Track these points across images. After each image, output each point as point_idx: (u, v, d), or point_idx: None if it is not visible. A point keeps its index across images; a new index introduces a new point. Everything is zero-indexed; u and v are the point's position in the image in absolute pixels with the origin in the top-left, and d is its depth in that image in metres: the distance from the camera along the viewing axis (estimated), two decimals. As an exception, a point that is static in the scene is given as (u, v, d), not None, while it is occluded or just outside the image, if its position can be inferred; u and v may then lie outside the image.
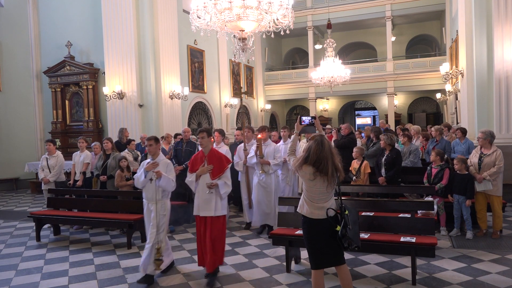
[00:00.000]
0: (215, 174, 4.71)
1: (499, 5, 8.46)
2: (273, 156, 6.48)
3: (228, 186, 4.75)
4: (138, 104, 11.45)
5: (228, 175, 4.79)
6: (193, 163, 4.83)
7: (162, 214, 4.71)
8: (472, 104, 9.41)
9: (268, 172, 6.42)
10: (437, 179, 6.10)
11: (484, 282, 4.30)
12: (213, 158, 4.75)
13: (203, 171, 4.69)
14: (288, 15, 5.50)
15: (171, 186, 4.76)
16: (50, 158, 7.77)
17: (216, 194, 4.67)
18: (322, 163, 3.43)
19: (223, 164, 4.76)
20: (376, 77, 19.16)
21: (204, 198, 4.67)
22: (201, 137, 4.73)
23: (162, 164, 4.76)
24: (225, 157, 4.87)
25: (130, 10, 11.27)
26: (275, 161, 6.45)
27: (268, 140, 6.67)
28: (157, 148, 4.84)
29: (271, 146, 6.59)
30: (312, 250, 3.57)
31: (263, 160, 6.40)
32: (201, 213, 4.68)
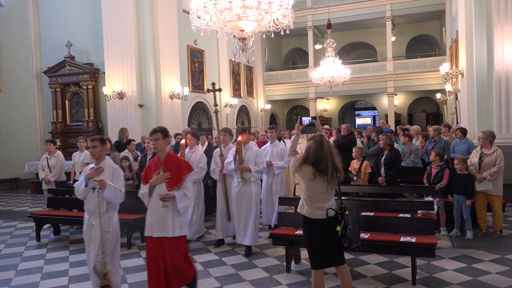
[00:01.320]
0: (172, 184, 3.85)
1: (499, 5, 8.46)
2: (254, 162, 5.62)
3: (188, 199, 3.91)
4: (138, 104, 11.45)
5: (189, 185, 3.97)
6: (147, 172, 3.97)
7: (106, 230, 3.89)
8: (472, 104, 9.41)
9: (249, 180, 5.53)
10: (437, 179, 6.10)
11: (484, 282, 4.29)
12: (170, 164, 3.90)
13: (157, 180, 3.83)
14: (288, 15, 5.50)
15: (118, 198, 3.95)
16: (50, 158, 7.77)
17: (172, 210, 3.82)
18: (322, 163, 3.43)
19: (182, 172, 3.91)
20: (376, 77, 19.17)
21: (158, 215, 3.82)
22: (155, 139, 3.88)
23: (108, 170, 3.97)
24: (185, 163, 4.04)
25: (130, 10, 11.27)
26: (257, 167, 5.58)
27: (249, 143, 5.79)
28: (103, 151, 4.04)
29: (253, 150, 5.72)
30: (312, 250, 3.57)
31: (243, 166, 5.51)
32: (155, 233, 3.82)
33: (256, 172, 5.58)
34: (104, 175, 3.89)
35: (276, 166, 6.67)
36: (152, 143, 3.96)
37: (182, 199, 3.86)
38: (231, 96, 16.94)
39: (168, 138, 3.95)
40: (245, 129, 5.84)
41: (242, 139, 5.59)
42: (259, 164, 5.64)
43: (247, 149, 5.69)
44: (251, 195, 5.54)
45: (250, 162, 5.60)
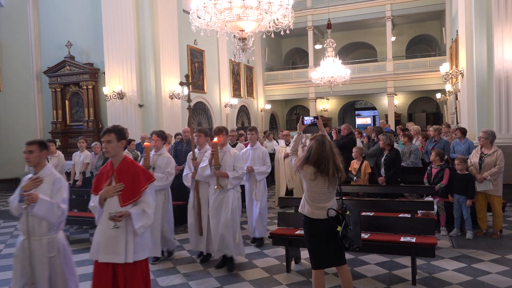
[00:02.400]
0: (126, 198, 3.13)
1: (499, 5, 8.46)
2: (232, 167, 5.01)
3: (148, 217, 3.18)
4: (138, 104, 11.45)
5: (149, 199, 3.24)
6: (98, 181, 3.29)
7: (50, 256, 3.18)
8: (472, 104, 9.41)
9: (226, 187, 4.93)
10: (437, 179, 6.10)
11: (484, 282, 4.30)
12: (125, 173, 3.17)
13: (107, 192, 3.12)
14: (288, 15, 5.50)
15: (55, 215, 3.17)
16: (51, 158, 7.77)
17: (127, 229, 3.10)
18: (323, 163, 3.43)
19: (140, 183, 3.18)
20: (376, 77, 19.17)
21: (107, 235, 3.09)
22: (107, 141, 3.16)
23: (47, 181, 3.24)
24: (144, 172, 3.28)
25: (130, 10, 11.27)
26: (235, 173, 4.96)
27: (226, 145, 5.20)
28: (42, 157, 3.30)
29: (230, 154, 5.09)
30: (313, 250, 3.57)
31: (220, 171, 4.89)
32: (102, 257, 3.07)
33: (234, 179, 4.93)
34: (43, 187, 3.19)
35: (257, 171, 6.01)
36: (103, 146, 3.23)
37: (140, 217, 3.12)
38: (231, 96, 16.95)
39: (124, 141, 3.26)
40: (221, 129, 5.17)
41: (218, 141, 4.99)
42: (237, 169, 5.01)
43: (225, 153, 5.08)
44: (228, 204, 4.92)
45: (228, 167, 4.99)
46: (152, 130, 5.82)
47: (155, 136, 5.46)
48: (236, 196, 5.05)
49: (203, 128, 5.54)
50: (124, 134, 3.29)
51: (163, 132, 5.62)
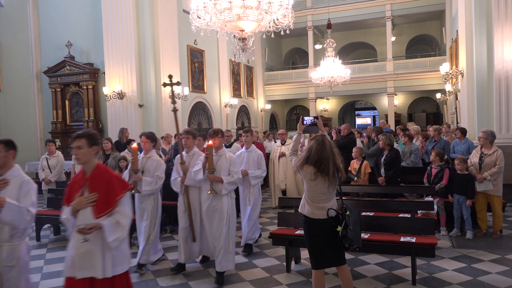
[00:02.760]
0: (100, 210, 2.88)
1: (499, 5, 8.46)
2: (227, 171, 4.75)
3: (122, 229, 2.92)
4: (138, 104, 11.45)
5: (125, 209, 2.98)
6: (70, 190, 3.04)
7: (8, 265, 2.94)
8: (472, 104, 9.41)
9: (220, 192, 4.64)
10: (437, 179, 6.10)
11: (484, 282, 4.30)
12: (99, 182, 2.92)
13: (79, 203, 2.87)
14: (288, 15, 5.50)
15: (24, 220, 2.96)
16: (50, 158, 7.78)
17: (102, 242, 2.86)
18: (323, 163, 3.43)
19: (115, 192, 2.93)
20: (376, 77, 19.16)
21: (82, 250, 2.84)
22: (77, 147, 2.90)
23: (14, 183, 3.02)
24: (119, 180, 3.03)
25: (130, 10, 11.26)
26: (230, 178, 4.68)
27: (222, 148, 4.92)
28: (8, 158, 3.09)
29: (226, 157, 4.81)
30: (313, 250, 3.57)
31: (214, 176, 4.60)
32: (78, 273, 2.82)
33: (228, 184, 4.65)
34: (9, 190, 2.97)
35: (252, 175, 5.73)
36: (73, 152, 2.95)
37: (113, 229, 2.86)
38: (231, 96, 16.95)
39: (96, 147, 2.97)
40: (217, 132, 4.87)
41: (213, 144, 4.71)
42: (233, 174, 4.74)
43: (220, 156, 4.80)
44: (222, 211, 4.64)
45: (223, 171, 4.72)
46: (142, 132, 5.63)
47: (143, 138, 5.22)
48: (230, 203, 4.77)
49: (191, 130, 5.25)
50: (96, 139, 3.00)
51: (152, 134, 5.38)
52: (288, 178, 8.41)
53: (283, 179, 8.34)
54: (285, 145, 8.49)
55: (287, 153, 8.10)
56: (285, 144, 8.53)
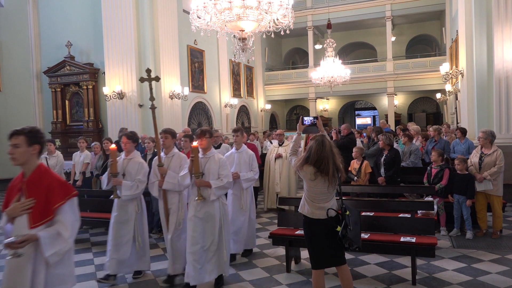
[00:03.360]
0: (36, 218, 2.46)
1: (499, 5, 8.46)
2: (216, 174, 4.36)
3: (63, 242, 2.49)
4: (138, 104, 11.45)
5: (67, 219, 2.54)
6: (8, 195, 2.67)
7: None
8: (472, 104, 9.41)
9: (209, 198, 4.26)
10: (437, 179, 6.10)
11: (484, 282, 4.30)
12: (37, 185, 2.53)
13: (14, 210, 2.47)
14: (288, 15, 5.51)
15: None
16: (50, 158, 7.77)
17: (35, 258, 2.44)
18: (323, 163, 3.43)
19: (54, 198, 2.51)
20: (376, 77, 19.17)
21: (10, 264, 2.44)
22: (13, 145, 2.51)
23: None
24: (61, 183, 2.60)
25: (130, 10, 11.27)
26: (219, 182, 4.30)
27: (210, 149, 4.51)
28: None
29: (215, 159, 4.41)
30: (313, 250, 3.57)
31: (201, 180, 4.24)
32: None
33: (217, 189, 4.27)
34: None
35: (244, 178, 5.30)
36: (9, 151, 2.56)
37: (52, 242, 2.44)
38: (231, 96, 16.95)
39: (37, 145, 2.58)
40: (204, 132, 4.44)
41: (201, 145, 4.37)
42: (222, 177, 4.35)
43: (208, 158, 4.42)
44: (214, 218, 4.29)
45: (212, 175, 4.34)
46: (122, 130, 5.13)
47: (124, 138, 4.74)
48: (222, 209, 4.42)
49: (170, 130, 4.81)
50: (38, 137, 2.59)
51: (134, 134, 4.90)
52: (282, 182, 8.04)
53: (278, 182, 8.02)
54: (282, 146, 8.18)
55: (284, 155, 7.91)
56: (282, 145, 8.21)
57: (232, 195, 5.38)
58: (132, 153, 4.78)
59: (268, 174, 8.17)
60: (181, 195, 4.63)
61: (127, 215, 4.64)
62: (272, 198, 8.09)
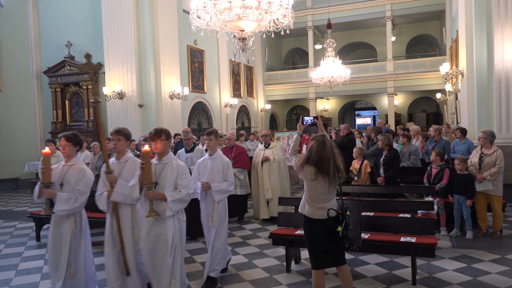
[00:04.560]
0: None
1: (499, 5, 8.46)
2: (174, 184, 3.68)
3: None
4: (138, 104, 11.45)
5: None
6: None
7: None
8: (472, 104, 9.41)
9: (164, 214, 3.58)
10: (437, 179, 6.10)
11: (484, 282, 4.29)
12: None
13: None
14: (288, 15, 5.51)
15: None
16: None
17: None
18: (324, 163, 3.43)
19: None
20: (376, 77, 19.17)
21: None
22: None
23: None
24: None
25: (130, 10, 11.27)
26: (177, 194, 3.61)
27: (167, 154, 3.80)
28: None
29: (173, 166, 3.73)
30: (313, 250, 3.57)
31: (153, 192, 3.55)
32: None
33: (174, 202, 3.57)
34: None
35: (216, 189, 4.49)
36: None
37: None
38: (231, 96, 16.96)
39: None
40: (159, 132, 3.76)
41: (155, 148, 3.73)
42: (181, 188, 3.65)
43: (165, 165, 3.73)
44: (166, 238, 3.59)
45: (168, 185, 3.65)
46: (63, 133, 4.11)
47: (62, 140, 3.94)
48: (178, 227, 3.68)
49: (122, 130, 4.04)
50: None
51: (75, 135, 4.05)
52: (272, 187, 7.22)
53: (269, 188, 7.20)
54: (269, 148, 7.42)
55: (271, 157, 7.27)
56: (269, 147, 7.44)
57: (204, 209, 4.66)
58: (72, 159, 3.97)
59: (256, 179, 7.37)
60: (134, 210, 3.83)
61: (61, 235, 3.80)
62: (263, 208, 7.27)
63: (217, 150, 4.76)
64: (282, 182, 7.34)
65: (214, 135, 4.70)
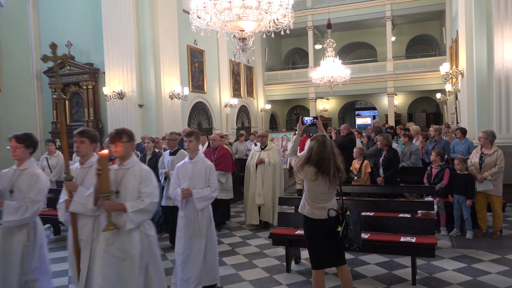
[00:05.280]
0: None
1: (499, 5, 8.46)
2: (136, 193, 3.20)
3: None
4: (138, 104, 11.45)
5: None
6: None
7: None
8: (472, 104, 9.42)
9: (124, 227, 3.10)
10: (437, 179, 6.10)
11: (484, 282, 4.30)
12: None
13: None
14: (288, 15, 5.52)
15: None
16: (50, 158, 7.80)
17: None
18: (324, 163, 3.43)
19: None
20: (376, 77, 19.17)
21: None
22: None
23: None
24: None
25: (130, 10, 11.27)
26: (139, 204, 3.14)
27: (130, 158, 3.34)
28: None
29: (135, 171, 3.26)
30: (313, 250, 3.57)
31: (110, 203, 3.07)
32: None
33: (136, 213, 3.08)
34: None
35: (197, 196, 4.09)
36: None
37: None
38: (231, 96, 16.95)
39: None
40: (120, 133, 3.35)
41: (116, 152, 3.28)
42: (144, 197, 3.16)
43: (126, 170, 3.25)
44: (132, 258, 3.11)
45: (130, 194, 3.18)
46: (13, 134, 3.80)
47: (13, 141, 3.63)
48: (146, 244, 3.21)
49: (88, 130, 3.59)
50: None
51: (27, 136, 3.69)
52: (265, 192, 6.74)
53: (261, 193, 6.71)
54: (265, 150, 6.98)
55: (267, 160, 6.84)
56: (265, 149, 7.00)
57: (184, 218, 4.18)
58: (25, 162, 3.58)
59: (248, 182, 6.92)
60: (97, 221, 3.25)
61: (11, 249, 3.38)
62: (253, 213, 6.82)
63: (199, 152, 4.39)
64: (276, 187, 6.85)
65: (194, 136, 4.33)
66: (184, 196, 4.08)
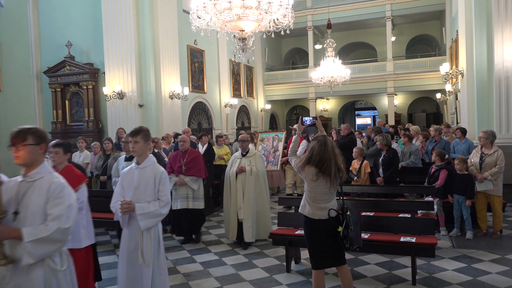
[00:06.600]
0: None
1: (499, 5, 8.46)
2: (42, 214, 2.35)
3: None
4: (138, 104, 11.45)
5: None
6: None
7: None
8: (472, 104, 9.41)
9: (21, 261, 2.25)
10: (433, 179, 6.11)
11: (484, 282, 4.30)
12: None
13: None
14: (288, 15, 5.51)
15: None
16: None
17: None
18: (325, 163, 3.43)
19: None
20: (376, 77, 19.17)
21: None
22: None
23: None
24: None
25: (130, 10, 11.27)
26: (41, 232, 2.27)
27: (39, 165, 2.53)
28: None
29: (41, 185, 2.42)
30: (313, 250, 3.58)
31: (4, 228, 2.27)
32: None
33: (35, 244, 2.24)
34: None
35: (141, 212, 3.23)
36: None
37: None
38: (231, 96, 16.96)
39: None
40: (23, 133, 2.54)
41: (17, 159, 2.56)
42: (49, 220, 2.30)
43: (32, 183, 2.45)
44: None
45: (32, 216, 2.34)
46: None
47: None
48: (54, 282, 2.37)
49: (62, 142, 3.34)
50: None
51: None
52: (247, 206, 5.80)
53: (242, 206, 5.81)
54: (246, 157, 5.98)
55: (248, 168, 5.88)
56: (247, 156, 5.99)
57: (128, 240, 3.33)
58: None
59: (229, 193, 6.02)
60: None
61: None
62: (233, 228, 5.90)
63: (149, 156, 3.45)
64: (259, 199, 5.94)
65: (141, 136, 3.34)
66: (124, 210, 3.18)
